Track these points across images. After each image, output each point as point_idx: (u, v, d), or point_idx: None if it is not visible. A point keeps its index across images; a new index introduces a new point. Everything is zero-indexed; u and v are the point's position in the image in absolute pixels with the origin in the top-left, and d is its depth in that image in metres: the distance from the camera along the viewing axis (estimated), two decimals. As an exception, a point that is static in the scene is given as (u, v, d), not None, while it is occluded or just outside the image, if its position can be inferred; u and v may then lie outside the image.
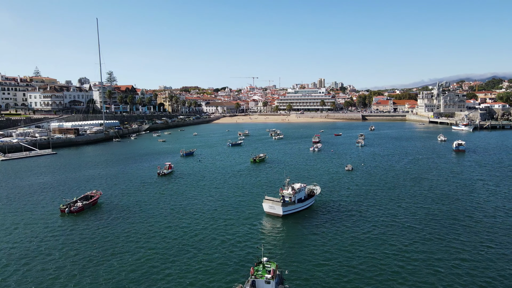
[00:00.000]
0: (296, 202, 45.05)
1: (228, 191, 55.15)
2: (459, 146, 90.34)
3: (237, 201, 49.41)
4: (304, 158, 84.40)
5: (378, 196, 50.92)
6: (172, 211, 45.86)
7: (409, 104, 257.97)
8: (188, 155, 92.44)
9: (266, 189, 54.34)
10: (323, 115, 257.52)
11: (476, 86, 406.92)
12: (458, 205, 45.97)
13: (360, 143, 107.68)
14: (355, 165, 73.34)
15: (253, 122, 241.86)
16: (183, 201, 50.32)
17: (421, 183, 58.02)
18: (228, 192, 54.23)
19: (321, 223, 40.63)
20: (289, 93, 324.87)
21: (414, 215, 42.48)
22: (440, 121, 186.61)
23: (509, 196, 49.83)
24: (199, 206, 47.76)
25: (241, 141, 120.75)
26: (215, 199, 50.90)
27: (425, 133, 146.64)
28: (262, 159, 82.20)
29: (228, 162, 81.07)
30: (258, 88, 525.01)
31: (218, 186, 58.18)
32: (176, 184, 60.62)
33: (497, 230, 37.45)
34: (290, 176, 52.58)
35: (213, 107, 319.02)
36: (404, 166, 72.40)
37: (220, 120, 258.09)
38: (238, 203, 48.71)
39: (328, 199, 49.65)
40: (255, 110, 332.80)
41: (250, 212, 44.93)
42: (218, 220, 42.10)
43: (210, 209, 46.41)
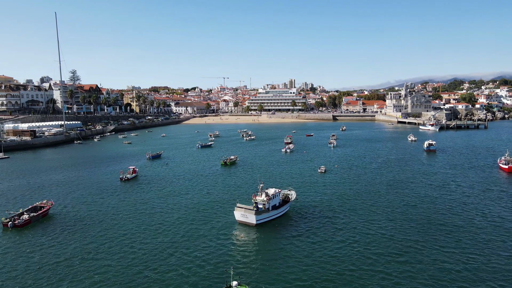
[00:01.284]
0: (271, 209, 41.87)
1: (196, 198, 51.13)
2: (430, 146, 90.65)
3: (206, 210, 45.53)
4: (277, 160, 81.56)
5: (354, 200, 48.61)
6: (134, 222, 41.39)
7: (378, 105, 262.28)
8: (155, 158, 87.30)
9: (238, 195, 50.89)
10: (294, 116, 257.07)
11: (439, 88, 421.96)
12: (434, 209, 44.34)
13: (332, 143, 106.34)
14: (329, 167, 71.24)
15: (224, 122, 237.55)
16: (146, 210, 45.86)
17: (396, 185, 56.44)
18: (197, 199, 50.22)
19: (297, 232, 37.59)
20: (260, 93, 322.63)
21: (392, 221, 40.31)
22: (408, 121, 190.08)
23: (484, 198, 48.89)
24: (164, 216, 43.51)
25: (211, 142, 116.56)
26: (182, 207, 46.77)
27: (395, 133, 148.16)
28: (233, 161, 78.58)
29: (197, 165, 76.84)
30: (229, 89, 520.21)
31: (186, 192, 54.02)
32: (139, 190, 55.88)
33: (476, 236, 35.79)
34: (263, 181, 49.41)
35: (182, 108, 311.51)
36: (377, 167, 71.03)
37: (190, 121, 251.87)
38: (207, 211, 44.86)
39: (303, 205, 46.80)
40: (226, 110, 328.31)
41: (221, 221, 41.23)
42: (184, 233, 38.11)
43: (176, 219, 42.29)
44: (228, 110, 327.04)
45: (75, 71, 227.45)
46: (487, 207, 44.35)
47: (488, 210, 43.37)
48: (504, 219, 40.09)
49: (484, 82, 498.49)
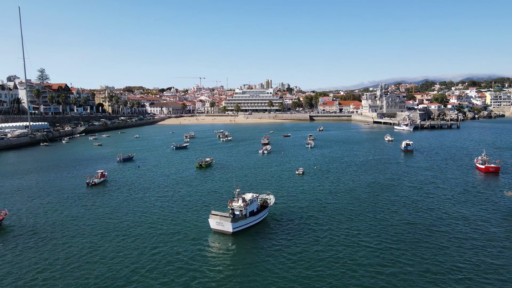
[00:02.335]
0: (248, 215, 39.21)
1: (168, 204, 47.79)
2: (407, 146, 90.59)
3: (178, 218, 42.33)
4: (254, 162, 79.01)
5: (334, 204, 46.62)
6: (97, 233, 37.73)
7: (354, 105, 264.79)
8: (126, 160, 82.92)
9: (213, 201, 48.01)
10: (271, 116, 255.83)
11: (412, 88, 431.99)
12: (417, 215, 42.87)
13: (310, 144, 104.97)
14: (307, 168, 69.37)
15: (200, 123, 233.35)
16: (113, 218, 42.20)
17: (376, 188, 54.99)
18: (168, 206, 46.89)
19: (277, 241, 35.07)
20: (237, 93, 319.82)
21: (375, 228, 38.46)
22: (384, 121, 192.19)
23: (465, 201, 48.03)
24: (132, 225, 40.03)
25: (187, 143, 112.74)
26: (152, 215, 43.38)
27: (371, 133, 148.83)
28: (209, 163, 75.46)
29: (170, 168, 73.22)
30: (205, 89, 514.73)
31: (157, 198, 50.56)
32: (107, 196, 51.95)
33: (463, 244, 34.41)
34: (240, 185, 46.77)
35: (157, 108, 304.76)
36: (357, 169, 69.70)
37: (165, 122, 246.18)
38: (180, 220, 41.67)
39: (283, 210, 44.41)
40: (202, 110, 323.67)
41: (194, 230, 38.18)
42: (153, 245, 34.84)
43: (145, 229, 38.92)
44: (204, 111, 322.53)
45: (43, 70, 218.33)
46: (469, 211, 43.25)
47: (470, 213, 42.27)
48: (487, 222, 39.02)
49: (453, 83, 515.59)
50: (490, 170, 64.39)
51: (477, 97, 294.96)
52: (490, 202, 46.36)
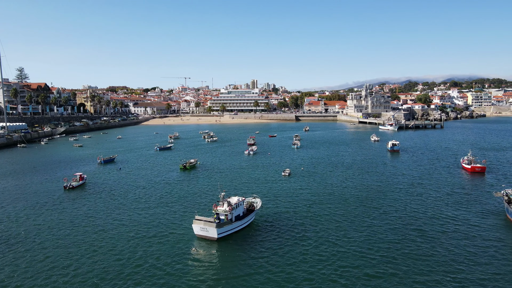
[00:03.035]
0: (234, 220, 37.56)
1: (150, 208, 45.69)
2: (394, 147, 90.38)
3: (161, 223, 40.32)
4: (240, 163, 77.30)
5: (322, 207, 45.33)
6: (74, 240, 35.47)
7: (339, 105, 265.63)
8: (107, 162, 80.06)
9: (197, 205, 46.18)
10: (257, 116, 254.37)
11: (396, 89, 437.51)
12: (406, 218, 41.99)
13: (296, 144, 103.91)
14: (293, 169, 68.13)
15: (185, 123, 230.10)
16: (91, 224, 39.91)
17: (364, 190, 54.04)
18: (150, 211, 44.81)
19: (264, 247, 33.51)
20: (222, 93, 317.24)
21: (363, 233, 37.33)
22: (369, 121, 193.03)
23: (454, 203, 47.45)
24: (111, 231, 37.86)
25: (171, 144, 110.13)
26: (133, 220, 41.26)
27: (357, 133, 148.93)
28: (193, 165, 73.39)
29: (153, 170, 70.86)
30: (190, 89, 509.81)
31: (139, 202, 48.37)
32: (85, 200, 49.46)
33: (455, 250, 33.55)
34: (225, 188, 45.08)
35: (141, 108, 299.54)
36: (344, 170, 68.78)
37: (149, 122, 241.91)
38: (162, 225, 39.69)
39: (269, 213, 42.91)
40: (187, 111, 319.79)
41: (177, 236, 36.28)
42: (133, 252, 32.83)
43: (125, 235, 36.82)
44: (189, 111, 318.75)
45: (22, 69, 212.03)
46: (459, 213, 42.57)
47: (460, 215, 41.58)
48: (477, 226, 38.30)
49: (436, 84, 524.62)
50: (476, 170, 64.37)
51: (459, 97, 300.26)
52: (479, 203, 45.89)
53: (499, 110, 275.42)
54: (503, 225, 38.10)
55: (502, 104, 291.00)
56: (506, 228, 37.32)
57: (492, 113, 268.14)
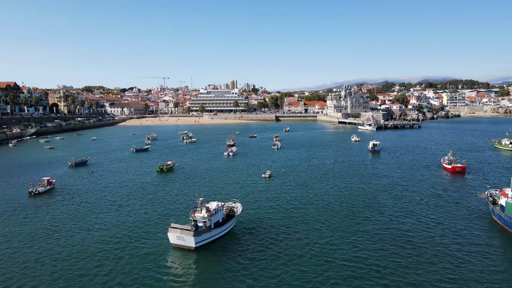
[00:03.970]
0: (213, 227, 35.20)
1: (123, 215, 42.70)
2: (375, 147, 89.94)
3: (133, 232, 37.45)
4: (219, 165, 74.80)
5: (304, 212, 43.52)
6: (36, 252, 32.23)
7: (319, 105, 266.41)
8: (79, 165, 75.96)
9: (174, 211, 43.52)
10: (237, 116, 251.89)
11: (374, 89, 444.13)
12: (391, 221, 40.76)
13: (276, 145, 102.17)
14: (274, 171, 66.28)
15: (163, 124, 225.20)
16: (56, 234, 36.67)
17: (346, 192, 52.67)
18: (123, 217, 41.83)
19: (245, 256, 31.30)
20: (202, 93, 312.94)
21: (348, 240, 35.71)
22: (349, 121, 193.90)
23: (437, 206, 46.58)
24: (79, 242, 34.78)
25: (148, 146, 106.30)
26: (103, 229, 38.23)
27: (337, 133, 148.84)
28: (171, 167, 70.40)
29: (128, 173, 67.48)
30: (169, 89, 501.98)
31: (111, 208, 45.25)
32: (52, 208, 45.90)
33: (443, 258, 32.33)
34: (204, 192, 42.66)
35: (118, 108, 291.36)
36: (325, 171, 67.40)
37: (126, 123, 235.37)
38: (135, 234, 36.84)
39: (250, 219, 40.75)
40: (165, 111, 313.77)
41: (151, 246, 33.58)
42: (103, 264, 29.98)
43: (94, 245, 33.84)
44: (168, 111, 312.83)
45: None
46: (445, 216, 41.59)
47: (448, 220, 40.60)
48: (465, 230, 37.33)
49: (412, 84, 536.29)
50: (456, 170, 64.26)
51: (435, 98, 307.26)
52: (464, 205, 45.17)
53: (473, 110, 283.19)
54: (490, 228, 37.30)
55: (475, 104, 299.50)
56: (493, 230, 36.49)
57: (466, 113, 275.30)
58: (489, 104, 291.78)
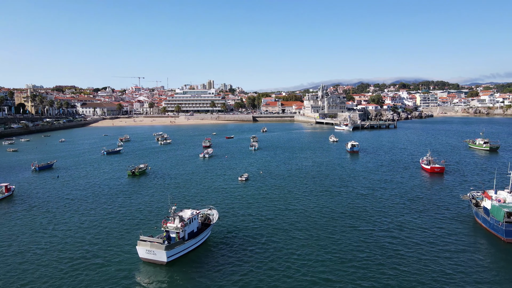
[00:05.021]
0: (187, 238, 32.42)
1: (88, 225, 39.17)
2: (353, 148, 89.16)
3: (99, 244, 34.13)
4: (194, 168, 71.69)
5: (282, 215, 41.42)
6: (-16, 272, 28.47)
7: (296, 106, 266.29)
8: (44, 169, 71.06)
9: (144, 221, 40.33)
10: (214, 117, 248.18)
11: (350, 90, 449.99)
12: (373, 227, 39.22)
13: (254, 146, 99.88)
14: (252, 174, 63.98)
15: (138, 125, 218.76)
16: (10, 251, 32.84)
17: (326, 195, 50.95)
18: (88, 228, 38.32)
19: (222, 269, 28.72)
20: (178, 93, 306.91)
21: (325, 242, 33.81)
22: (326, 121, 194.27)
23: (417, 211, 45.51)
24: (37, 255, 31.18)
25: (120, 148, 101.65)
26: (65, 241, 34.69)
27: (315, 133, 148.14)
28: (143, 171, 66.79)
29: (97, 178, 63.39)
30: (144, 89, 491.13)
31: (74, 217, 41.54)
32: (8, 218, 41.74)
33: (424, 267, 30.88)
34: (178, 198, 39.73)
35: (90, 109, 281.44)
36: (304, 173, 65.63)
37: (98, 123, 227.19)
38: (101, 246, 33.53)
39: (227, 226, 38.20)
40: (140, 111, 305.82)
41: (118, 262, 30.43)
42: (63, 283, 26.65)
43: (52, 264, 30.36)
44: (143, 112, 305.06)
45: None
46: (428, 221, 40.38)
47: (432, 224, 39.38)
48: (452, 236, 36.15)
49: (386, 85, 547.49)
50: (435, 170, 63.94)
51: (409, 98, 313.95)
52: (446, 208, 44.23)
53: (445, 110, 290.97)
54: (474, 231, 36.28)
55: (447, 105, 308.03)
56: (478, 235, 35.45)
57: (439, 113, 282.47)
58: (460, 104, 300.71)
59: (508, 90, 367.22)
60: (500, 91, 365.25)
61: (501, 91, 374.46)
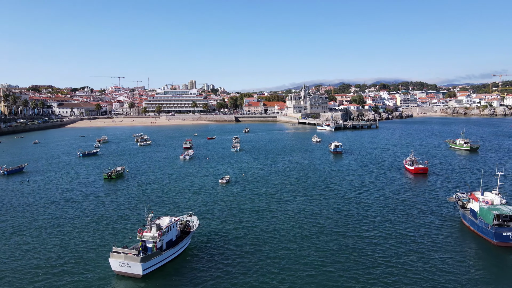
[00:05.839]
0: (165, 247, 30.29)
1: (59, 235, 36.44)
2: (337, 148, 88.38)
3: (69, 258, 31.53)
4: (174, 171, 69.18)
5: (265, 223, 39.72)
6: None
7: (278, 106, 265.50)
8: (13, 173, 67.24)
9: (119, 230, 37.83)
10: (196, 117, 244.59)
11: (331, 90, 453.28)
12: (358, 232, 38.04)
13: (236, 147, 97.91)
14: (233, 176, 62.12)
15: (117, 125, 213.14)
16: (-31, 264, 29.94)
17: (310, 198, 49.64)
18: (59, 238, 35.61)
19: (205, 284, 26.72)
20: (159, 93, 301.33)
21: (313, 258, 32.31)
22: (308, 121, 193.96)
23: (403, 214, 44.71)
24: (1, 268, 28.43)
25: (97, 150, 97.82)
26: (31, 253, 31.95)
27: (298, 134, 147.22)
28: (120, 174, 63.94)
29: (72, 182, 60.16)
30: (125, 89, 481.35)
31: (45, 227, 38.69)
32: (-29, 228, 38.48)
33: (412, 275, 29.76)
34: (155, 205, 37.43)
35: (67, 109, 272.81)
36: (287, 175, 64.21)
37: (75, 124, 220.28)
38: (72, 260, 30.97)
39: (207, 234, 36.21)
40: (120, 112, 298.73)
41: (91, 276, 28.00)
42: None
43: (19, 279, 27.67)
44: (123, 112, 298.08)
45: None
46: (416, 225, 39.53)
47: (419, 228, 38.50)
48: (436, 239, 35.29)
49: (367, 86, 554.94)
50: (419, 171, 63.58)
51: (389, 98, 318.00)
52: (432, 210, 43.51)
53: (424, 110, 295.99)
54: (462, 234, 35.51)
55: (426, 105, 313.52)
56: (468, 238, 34.66)
57: (418, 114, 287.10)
58: (438, 105, 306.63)
59: (484, 91, 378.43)
60: (476, 92, 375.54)
61: (477, 91, 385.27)
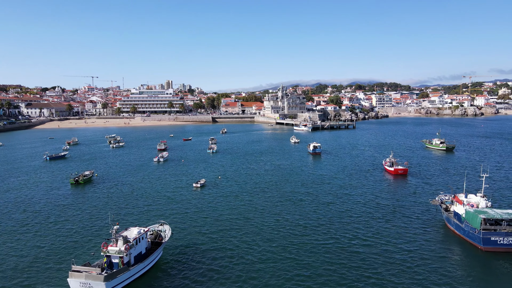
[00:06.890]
0: (133, 262, 27.41)
1: (8, 253, 32.72)
2: (315, 149, 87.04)
3: (21, 278, 28.07)
4: (146, 174, 65.70)
5: (241, 231, 37.37)
6: None
7: (256, 106, 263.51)
8: (-30, 179, 61.88)
9: (81, 244, 34.46)
10: (172, 118, 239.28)
11: (309, 91, 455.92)
12: (340, 237, 36.32)
13: (212, 149, 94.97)
14: (209, 179, 59.48)
15: (89, 126, 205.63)
16: None
17: (289, 202, 47.66)
18: (8, 257, 31.92)
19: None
20: (134, 93, 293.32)
21: (294, 269, 30.28)
22: (286, 122, 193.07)
23: (389, 218, 43.43)
24: None
25: (65, 152, 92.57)
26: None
27: (276, 134, 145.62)
28: (89, 178, 60.00)
29: (34, 188, 55.78)
30: (98, 89, 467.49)
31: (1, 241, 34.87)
32: None
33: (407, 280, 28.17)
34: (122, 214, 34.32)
35: (36, 109, 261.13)
36: (265, 178, 62.06)
37: (45, 125, 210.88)
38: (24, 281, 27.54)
39: (180, 244, 33.47)
40: (93, 112, 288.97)
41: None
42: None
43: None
44: (96, 113, 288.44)
45: None
46: (400, 231, 38.12)
47: (404, 233, 37.11)
48: (421, 245, 33.95)
49: (343, 86, 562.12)
50: (399, 172, 62.86)
51: (365, 99, 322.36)
52: (415, 214, 42.30)
53: (399, 111, 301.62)
54: (447, 238, 34.33)
55: (400, 105, 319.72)
56: (453, 242, 33.43)
57: (393, 114, 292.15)
58: (413, 105, 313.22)
59: (454, 92, 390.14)
60: (448, 93, 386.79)
61: (448, 92, 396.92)
